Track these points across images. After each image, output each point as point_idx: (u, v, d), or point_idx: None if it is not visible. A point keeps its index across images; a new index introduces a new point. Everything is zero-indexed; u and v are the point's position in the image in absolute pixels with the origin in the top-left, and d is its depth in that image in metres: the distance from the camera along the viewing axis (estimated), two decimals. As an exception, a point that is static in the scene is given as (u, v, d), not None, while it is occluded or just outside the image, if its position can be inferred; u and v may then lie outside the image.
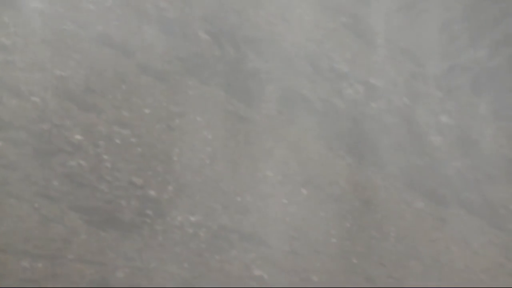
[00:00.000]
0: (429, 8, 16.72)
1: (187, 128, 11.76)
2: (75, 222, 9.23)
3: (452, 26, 16.63)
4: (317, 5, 15.40)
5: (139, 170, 10.47)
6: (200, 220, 10.25)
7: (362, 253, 11.18)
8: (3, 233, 8.53)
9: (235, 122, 12.59)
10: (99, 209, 9.58)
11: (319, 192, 12.03)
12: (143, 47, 12.73)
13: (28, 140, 9.88)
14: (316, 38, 14.88)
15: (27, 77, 10.70)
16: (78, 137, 10.36)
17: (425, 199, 13.32)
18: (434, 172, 13.94)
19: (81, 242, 9.00)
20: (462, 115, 15.45)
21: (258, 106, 13.37)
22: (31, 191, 9.28)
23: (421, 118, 14.84)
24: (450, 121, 15.15)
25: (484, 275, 11.91)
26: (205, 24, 13.77)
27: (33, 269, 8.31)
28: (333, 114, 13.82)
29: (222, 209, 10.62)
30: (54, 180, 9.59)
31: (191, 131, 11.77)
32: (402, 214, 12.63)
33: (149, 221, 9.83)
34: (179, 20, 13.59)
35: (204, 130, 11.95)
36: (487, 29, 16.44)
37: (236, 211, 10.72)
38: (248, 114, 12.98)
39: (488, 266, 12.18)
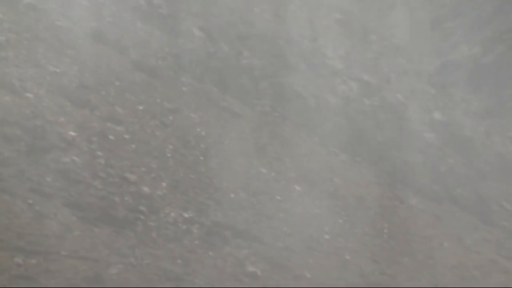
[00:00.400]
0: (422, 5, 16.75)
1: (181, 125, 11.76)
2: (69, 219, 9.23)
3: (445, 23, 16.67)
4: (310, 2, 15.41)
5: (132, 166, 10.47)
6: (194, 216, 10.26)
7: (355, 249, 11.21)
8: (-3, 229, 8.53)
9: (228, 118, 12.59)
10: (93, 206, 9.57)
11: (313, 188, 12.05)
12: (137, 43, 12.72)
13: (22, 136, 9.87)
14: (309, 35, 14.90)
15: (20, 73, 10.69)
16: (72, 133, 10.35)
17: (418, 195, 13.35)
18: (427, 169, 13.98)
19: (75, 238, 9.00)
20: (455, 112, 15.49)
21: (252, 102, 13.37)
22: (25, 187, 9.27)
23: (414, 114, 14.87)
24: (443, 117, 15.19)
25: (477, 271, 11.94)
26: (199, 20, 13.77)
27: (26, 266, 8.30)
28: (326, 110, 13.84)
29: (216, 206, 10.62)
30: (48, 176, 9.58)
31: (185, 127, 11.77)
32: (395, 210, 12.65)
33: (142, 218, 9.83)
34: (173, 16, 13.58)
35: (198, 126, 11.95)
36: (480, 26, 16.47)
37: (230, 208, 10.72)
38: (242, 111, 12.98)
39: (481, 263, 12.22)
